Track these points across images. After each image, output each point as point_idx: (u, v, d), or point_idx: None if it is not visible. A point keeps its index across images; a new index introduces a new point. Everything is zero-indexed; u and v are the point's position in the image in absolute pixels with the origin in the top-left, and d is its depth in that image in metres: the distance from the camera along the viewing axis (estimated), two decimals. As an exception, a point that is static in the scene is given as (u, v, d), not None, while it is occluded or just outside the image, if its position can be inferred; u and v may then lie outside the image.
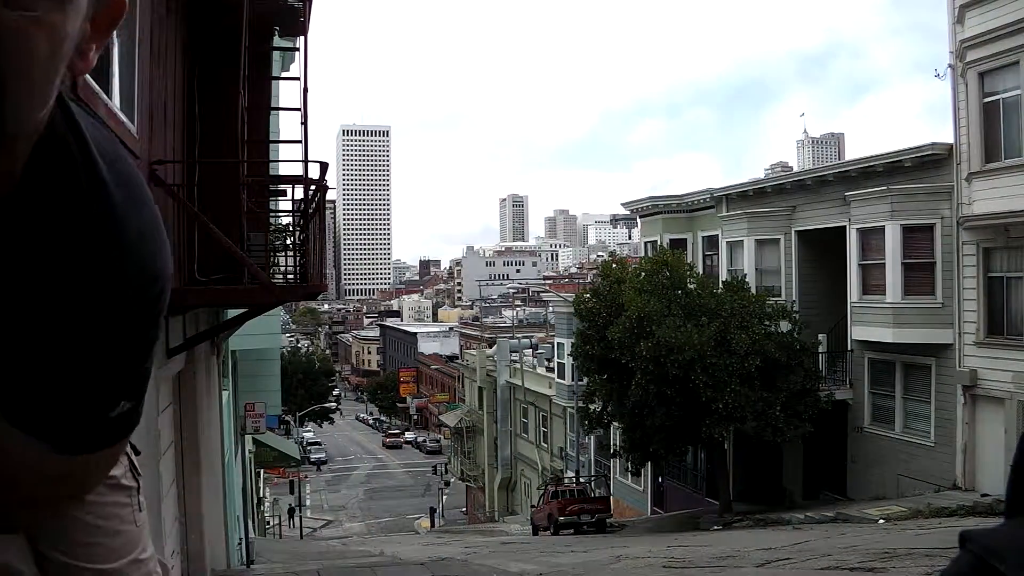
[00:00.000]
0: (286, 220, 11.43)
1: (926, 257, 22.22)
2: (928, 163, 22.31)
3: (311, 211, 8.60)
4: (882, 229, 22.89)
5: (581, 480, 35.06)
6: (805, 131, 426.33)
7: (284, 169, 12.37)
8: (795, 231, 27.29)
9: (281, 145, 12.61)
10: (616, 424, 28.05)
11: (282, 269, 9.86)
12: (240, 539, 17.67)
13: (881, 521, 18.35)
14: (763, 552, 13.24)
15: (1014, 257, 20.43)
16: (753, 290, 25.66)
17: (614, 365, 24.50)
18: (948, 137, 22.00)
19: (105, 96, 5.50)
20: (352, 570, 13.07)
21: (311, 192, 8.51)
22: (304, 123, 9.07)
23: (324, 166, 8.19)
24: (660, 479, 33.11)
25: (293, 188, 9.26)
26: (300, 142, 9.29)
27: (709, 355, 22.31)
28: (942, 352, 22.00)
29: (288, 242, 10.04)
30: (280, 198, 11.05)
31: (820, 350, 25.41)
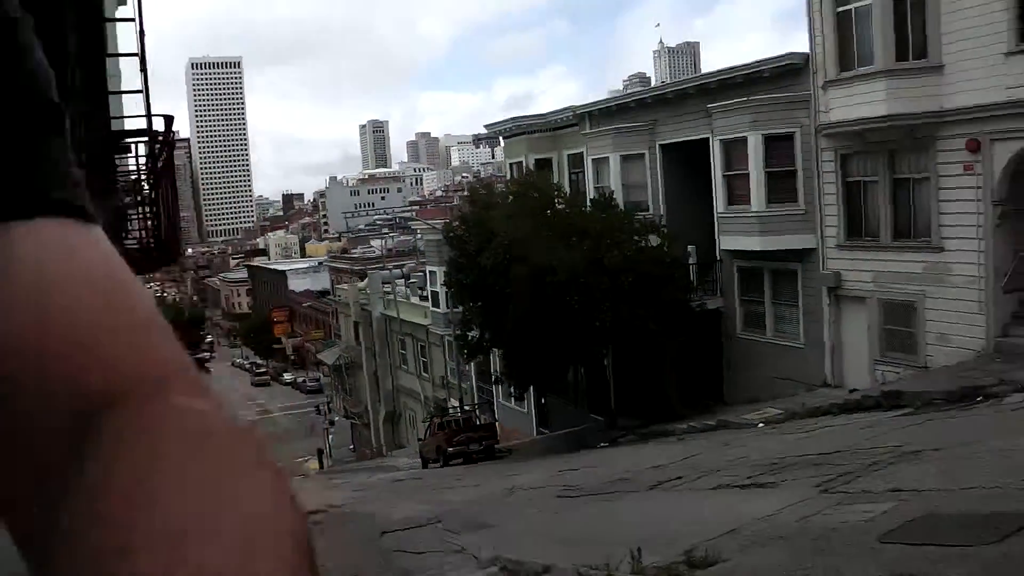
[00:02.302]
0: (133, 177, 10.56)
1: (788, 165, 22.62)
2: (786, 73, 22.56)
3: (159, 168, 7.89)
4: (744, 140, 23.16)
5: (466, 409, 35.06)
6: (661, 41, 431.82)
7: (129, 123, 11.43)
8: (659, 145, 27.40)
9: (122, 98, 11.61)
10: (496, 350, 28.02)
11: (134, 233, 9.07)
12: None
13: (760, 425, 18.86)
14: (654, 471, 13.37)
15: (870, 162, 21.00)
16: (621, 206, 25.74)
17: (489, 292, 24.29)
18: (803, 47, 22.25)
19: None
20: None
21: (158, 149, 7.77)
22: (143, 71, 8.27)
23: (169, 120, 7.47)
24: (543, 400, 33.39)
25: (137, 145, 8.43)
26: (141, 92, 8.50)
27: (583, 275, 22.31)
28: (807, 257, 22.61)
29: (138, 201, 9.21)
30: (127, 155, 10.16)
31: (690, 261, 25.78)
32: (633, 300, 22.78)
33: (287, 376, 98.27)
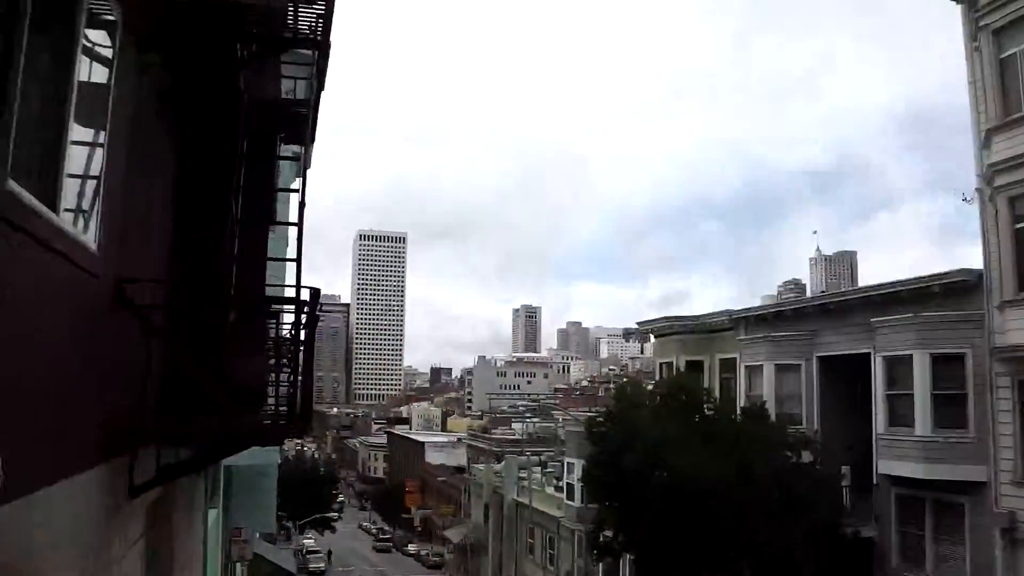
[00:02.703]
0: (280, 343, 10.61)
1: (957, 388, 21.20)
2: (957, 290, 21.53)
3: (301, 339, 7.77)
4: (910, 358, 21.97)
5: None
6: (818, 248, 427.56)
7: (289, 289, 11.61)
8: (816, 356, 26.38)
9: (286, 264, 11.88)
10: (629, 556, 26.69)
11: (272, 398, 8.94)
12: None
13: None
14: None
15: (1053, 391, 19.40)
16: (773, 417, 24.64)
17: (628, 492, 23.30)
18: (970, 260, 21.31)
19: (47, 210, 4.72)
20: None
21: (303, 318, 7.68)
22: (299, 240, 8.33)
23: (315, 292, 7.39)
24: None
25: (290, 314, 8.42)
26: (294, 260, 8.53)
27: (729, 486, 21.12)
28: (977, 490, 20.77)
29: (279, 368, 9.14)
30: (277, 320, 10.23)
31: (844, 483, 24.20)
32: (781, 518, 21.35)
33: (411, 547, 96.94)
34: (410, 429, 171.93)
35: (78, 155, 5.42)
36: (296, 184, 13.56)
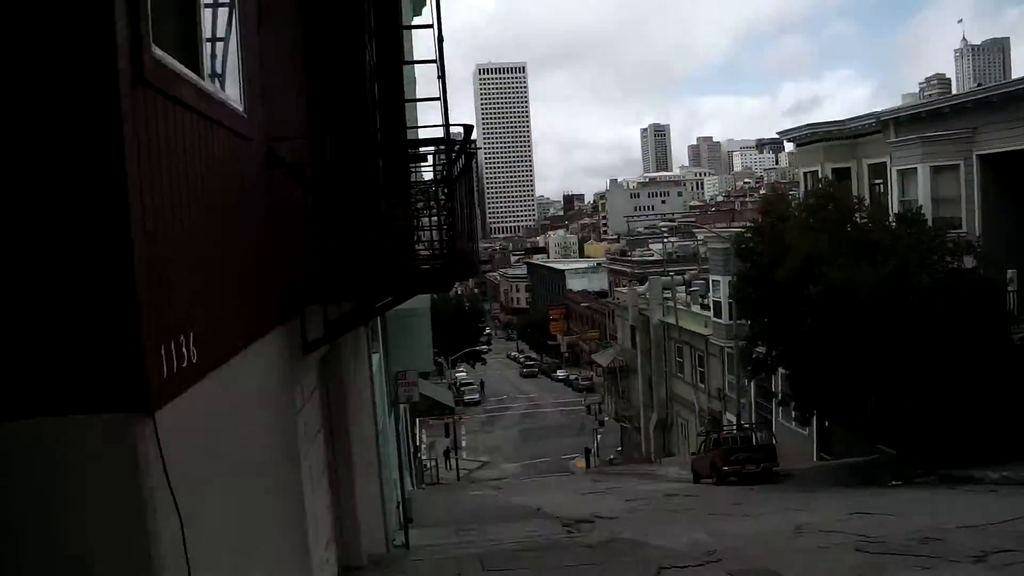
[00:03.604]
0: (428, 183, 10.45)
1: None
2: None
3: (455, 179, 7.55)
4: (1086, 149, 20.34)
5: (744, 426, 33.53)
6: (964, 39, 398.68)
7: (422, 132, 11.34)
8: (977, 155, 24.74)
9: (417, 104, 11.56)
10: (782, 370, 26.50)
11: (426, 243, 8.84)
12: (398, 502, 17.28)
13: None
14: (971, 535, 11.70)
15: None
16: (930, 223, 23.48)
17: (780, 308, 22.88)
18: None
19: (193, 75, 4.54)
20: (515, 554, 12.30)
21: (455, 157, 7.43)
22: (442, 77, 8.01)
23: (468, 129, 7.10)
24: (827, 423, 31.30)
25: (435, 155, 8.17)
26: (439, 99, 8.24)
27: (886, 297, 20.43)
28: None
29: (431, 210, 8.98)
30: (420, 164, 10.02)
31: (1011, 288, 23.07)
32: (942, 327, 20.60)
33: (560, 373, 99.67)
34: (548, 258, 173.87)
35: (207, 17, 5.20)
36: (417, 21, 13.11)
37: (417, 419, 39.87)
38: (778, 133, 37.98)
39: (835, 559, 10.87)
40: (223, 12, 5.42)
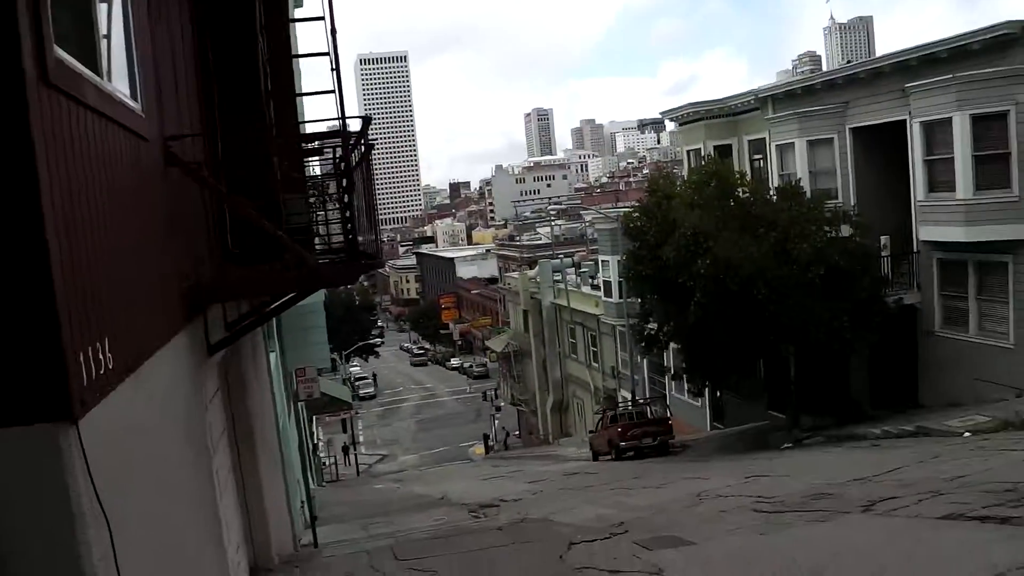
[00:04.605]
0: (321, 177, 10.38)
1: (1000, 148, 20.72)
2: (997, 45, 20.63)
3: (353, 171, 7.53)
4: (948, 121, 21.40)
5: (639, 401, 34.28)
6: (832, 17, 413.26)
7: (312, 126, 11.22)
8: (849, 128, 25.79)
9: (304, 98, 11.42)
10: (674, 344, 27.17)
11: (326, 239, 8.80)
12: (302, 501, 17.14)
13: (967, 434, 17.30)
14: (859, 487, 12.32)
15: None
16: (809, 195, 24.39)
17: (669, 284, 23.44)
18: (1000, 12, 20.31)
19: (94, 75, 4.45)
20: (426, 542, 12.36)
21: (352, 149, 7.42)
22: (336, 70, 7.96)
23: (367, 120, 7.11)
24: (719, 394, 32.27)
25: (334, 148, 8.12)
26: (333, 92, 8.19)
27: (770, 268, 21.19)
28: (1020, 248, 20.69)
29: (330, 206, 8.94)
30: (313, 159, 9.93)
31: (884, 254, 24.20)
32: (823, 294, 21.52)
33: (454, 361, 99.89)
34: (437, 247, 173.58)
35: (103, 16, 5.08)
36: (299, 14, 12.97)
37: (314, 416, 39.36)
38: (660, 113, 38.85)
39: (736, 521, 11.28)
40: (117, 10, 5.29)
